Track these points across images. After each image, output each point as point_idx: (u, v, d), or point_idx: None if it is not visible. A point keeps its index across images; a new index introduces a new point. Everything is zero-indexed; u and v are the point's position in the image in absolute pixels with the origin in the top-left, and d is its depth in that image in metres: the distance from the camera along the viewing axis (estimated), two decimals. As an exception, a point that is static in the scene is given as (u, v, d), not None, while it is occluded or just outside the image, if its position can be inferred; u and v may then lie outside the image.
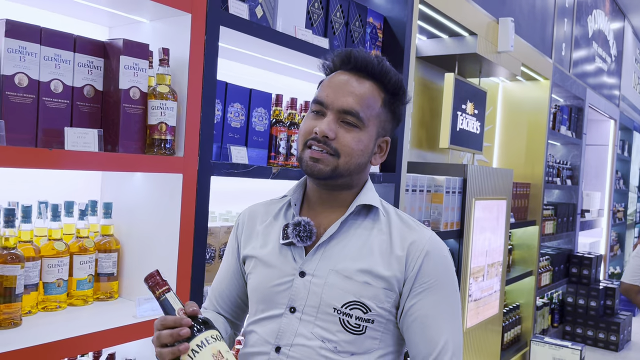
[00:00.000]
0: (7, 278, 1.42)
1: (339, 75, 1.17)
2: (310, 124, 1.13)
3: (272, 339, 1.13)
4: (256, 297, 1.19)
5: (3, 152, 1.27)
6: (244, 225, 1.28)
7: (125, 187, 1.81)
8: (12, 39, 1.36)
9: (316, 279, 1.12)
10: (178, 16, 1.66)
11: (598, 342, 5.34)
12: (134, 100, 1.56)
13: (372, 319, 1.10)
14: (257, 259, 1.20)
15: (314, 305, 1.11)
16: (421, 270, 1.11)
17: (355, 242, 1.15)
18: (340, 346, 1.09)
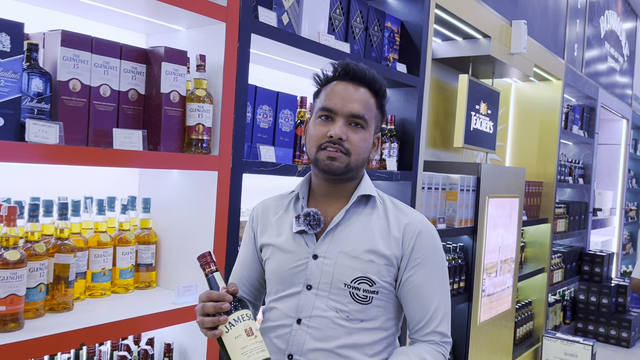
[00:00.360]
0: (62, 266, 1.55)
1: (339, 85, 1.32)
2: (323, 129, 1.28)
3: (293, 313, 1.31)
4: (275, 278, 1.35)
5: (62, 151, 1.40)
6: (259, 218, 1.44)
7: (162, 184, 1.94)
8: (67, 48, 1.50)
9: (327, 260, 1.30)
10: (213, 25, 1.79)
11: (610, 339, 5.41)
12: (174, 103, 1.69)
13: (376, 290, 1.29)
14: (273, 247, 1.36)
15: (327, 282, 1.28)
16: (415, 248, 1.30)
17: (358, 227, 1.32)
18: (352, 315, 1.28)
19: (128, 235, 1.82)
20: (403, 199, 2.74)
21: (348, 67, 1.32)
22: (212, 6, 1.73)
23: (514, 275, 4.11)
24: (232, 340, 1.12)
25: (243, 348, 1.11)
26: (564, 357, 4.51)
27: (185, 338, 1.86)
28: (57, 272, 1.56)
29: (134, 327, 1.62)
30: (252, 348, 1.11)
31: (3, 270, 1.35)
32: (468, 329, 3.50)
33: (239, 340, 1.12)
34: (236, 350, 1.11)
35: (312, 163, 1.34)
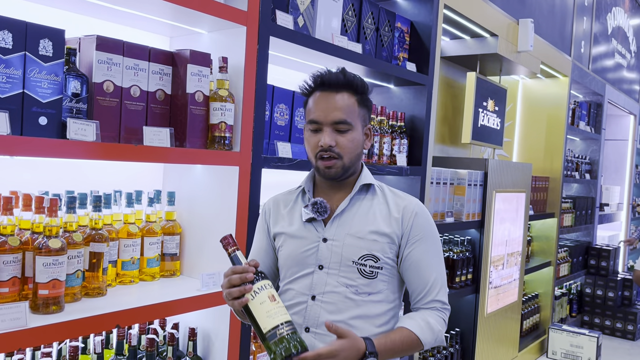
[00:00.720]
0: (97, 254, 1.68)
1: (320, 96, 1.43)
2: (315, 140, 1.42)
3: (307, 291, 1.44)
4: (289, 262, 1.48)
5: (100, 148, 1.52)
6: (270, 211, 1.58)
7: (186, 178, 2.05)
8: (101, 52, 1.61)
9: (336, 242, 1.44)
10: (234, 28, 1.89)
11: (615, 332, 5.49)
12: (199, 103, 1.81)
13: (381, 266, 1.43)
14: (286, 235, 1.50)
15: (337, 261, 1.43)
16: (413, 227, 1.45)
17: (362, 211, 1.46)
18: (360, 289, 1.42)
19: (154, 227, 1.94)
20: (412, 193, 2.84)
21: (323, 78, 1.44)
22: (234, 11, 1.84)
23: (521, 268, 4.20)
24: (258, 306, 1.24)
25: (268, 312, 1.23)
26: (569, 348, 4.60)
27: (209, 323, 1.98)
28: (92, 260, 1.68)
29: (162, 311, 1.74)
30: (276, 311, 1.23)
31: (47, 257, 1.47)
32: (475, 319, 3.60)
33: (264, 305, 1.23)
34: (262, 314, 1.23)
35: (315, 169, 1.49)
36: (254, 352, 2.08)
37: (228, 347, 1.92)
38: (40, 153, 1.40)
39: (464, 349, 3.64)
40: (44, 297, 1.48)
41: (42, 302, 1.48)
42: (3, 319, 1.34)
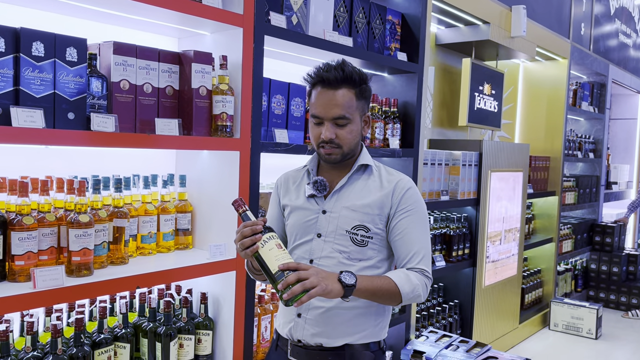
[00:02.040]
0: (119, 229, 1.97)
1: (321, 92, 1.60)
2: (317, 132, 1.60)
3: (307, 255, 1.66)
4: (294, 230, 1.70)
5: (119, 137, 1.80)
6: (281, 185, 1.81)
7: (195, 163, 2.33)
8: (118, 55, 1.89)
9: (333, 214, 1.63)
10: (232, 30, 2.15)
11: (620, 305, 5.66)
12: (203, 96, 2.08)
13: (371, 235, 1.61)
14: (292, 206, 1.72)
15: (333, 230, 1.62)
16: (402, 200, 1.61)
17: (358, 188, 1.66)
18: (352, 255, 1.61)
19: (169, 206, 2.22)
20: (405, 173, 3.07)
21: (323, 76, 1.59)
22: (231, 15, 2.10)
23: (520, 244, 4.41)
24: (267, 252, 1.43)
25: (276, 256, 1.42)
26: (570, 320, 4.80)
27: (218, 289, 2.27)
28: (116, 234, 1.97)
29: (176, 276, 2.03)
30: (283, 257, 1.43)
31: (77, 229, 1.77)
32: (473, 291, 3.84)
33: (272, 251, 1.43)
34: (271, 259, 1.42)
35: (317, 153, 1.67)
36: (258, 314, 2.36)
37: (235, 309, 2.21)
38: (70, 142, 1.69)
39: (463, 319, 3.89)
40: (77, 262, 1.78)
41: (75, 267, 1.78)
42: (44, 279, 1.64)
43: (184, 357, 2.15)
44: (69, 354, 1.80)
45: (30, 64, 1.63)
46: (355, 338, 1.58)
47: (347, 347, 1.57)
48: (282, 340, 1.67)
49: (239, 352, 2.22)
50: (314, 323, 1.58)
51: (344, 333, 1.57)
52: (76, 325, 1.83)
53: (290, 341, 1.63)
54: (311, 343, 1.59)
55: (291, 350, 1.62)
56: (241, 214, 1.50)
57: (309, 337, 1.59)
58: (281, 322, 1.67)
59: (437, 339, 3.21)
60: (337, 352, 1.57)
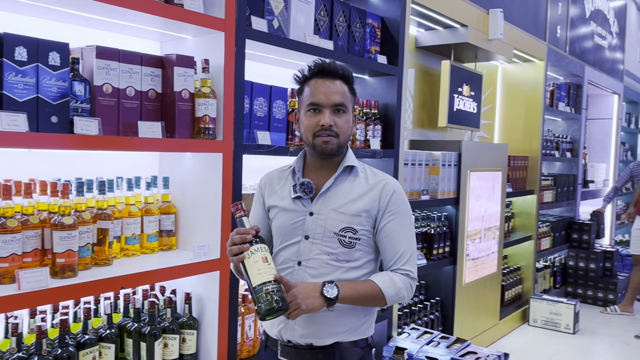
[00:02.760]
0: (103, 230, 1.99)
1: (320, 82, 1.64)
2: (315, 120, 1.61)
3: (294, 257, 1.66)
4: (281, 232, 1.70)
5: (102, 140, 1.83)
6: (266, 186, 1.81)
7: (178, 165, 2.36)
8: (101, 59, 1.92)
9: (321, 216, 1.63)
10: (214, 34, 2.19)
11: (597, 301, 5.80)
12: (185, 99, 2.11)
13: (359, 237, 1.62)
14: (278, 208, 1.72)
15: (321, 232, 1.63)
16: (390, 202, 1.64)
17: (344, 189, 1.67)
18: (340, 256, 1.62)
19: (152, 207, 2.25)
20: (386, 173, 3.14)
21: (323, 67, 1.65)
22: (213, 19, 2.13)
23: (499, 242, 4.51)
24: (252, 264, 1.46)
25: (259, 270, 1.45)
26: (549, 316, 4.91)
27: (202, 289, 2.30)
28: (100, 235, 2.00)
29: (160, 276, 2.05)
30: (266, 271, 1.46)
31: (62, 231, 1.79)
32: (454, 289, 3.92)
33: (257, 264, 1.46)
34: (254, 271, 1.45)
35: (310, 147, 1.66)
36: (242, 314, 2.40)
37: (219, 308, 2.24)
38: (53, 146, 1.71)
39: (444, 316, 3.96)
40: (61, 264, 1.80)
41: (60, 269, 1.80)
42: (29, 281, 1.66)
43: (169, 357, 2.18)
44: (53, 355, 1.82)
45: (14, 69, 1.65)
46: (344, 336, 1.61)
47: (336, 345, 1.61)
48: (272, 340, 1.69)
49: (224, 350, 2.25)
50: (304, 324, 1.60)
51: (333, 332, 1.60)
52: (61, 327, 1.85)
53: (280, 342, 1.65)
54: (301, 343, 1.61)
55: (281, 350, 1.64)
56: (237, 219, 1.52)
57: (298, 338, 1.61)
58: (269, 323, 1.69)
59: (419, 335, 3.27)
60: (327, 351, 1.60)
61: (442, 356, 3.00)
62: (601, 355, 4.41)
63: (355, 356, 1.61)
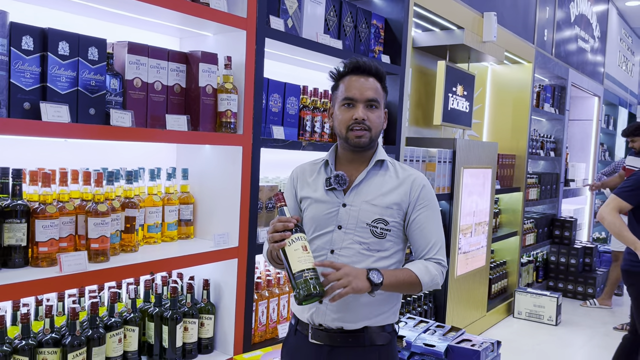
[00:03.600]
0: (131, 218, 2.09)
1: (354, 78, 1.73)
2: (348, 114, 1.68)
3: (327, 246, 1.74)
4: (314, 222, 1.78)
5: (136, 132, 1.92)
6: (298, 178, 1.88)
7: (196, 157, 2.46)
8: (132, 55, 2.01)
9: (354, 207, 1.71)
10: (236, 32, 2.29)
11: (577, 295, 6.04)
12: (209, 94, 2.21)
13: (390, 228, 1.70)
14: (311, 199, 1.80)
15: (354, 223, 1.70)
16: (420, 196, 1.72)
17: (376, 182, 1.73)
18: (371, 246, 1.69)
19: (173, 197, 2.34)
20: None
21: (358, 64, 1.74)
22: (236, 18, 2.23)
23: (488, 237, 4.69)
24: (292, 251, 1.51)
25: (299, 258, 1.53)
26: (533, 308, 5.12)
27: (219, 275, 2.40)
28: (127, 223, 2.09)
29: (183, 262, 2.15)
30: (305, 259, 1.54)
31: (96, 218, 1.88)
32: (446, 281, 4.08)
33: (297, 252, 1.53)
34: (294, 258, 1.53)
35: (344, 140, 1.72)
36: (255, 300, 2.51)
37: (236, 295, 2.35)
38: (92, 136, 1.80)
39: (436, 307, 4.12)
40: (95, 249, 1.90)
41: (94, 253, 1.89)
42: (70, 264, 1.75)
43: (189, 340, 2.28)
44: (85, 336, 1.91)
45: (57, 62, 1.73)
46: (373, 321, 1.71)
47: (365, 329, 1.71)
48: (302, 324, 1.77)
49: (240, 334, 2.36)
50: (335, 309, 1.69)
51: (363, 317, 1.70)
52: (92, 309, 1.94)
53: (312, 325, 1.74)
54: (332, 327, 1.70)
55: (312, 333, 1.73)
56: (278, 208, 1.62)
57: (330, 322, 1.70)
58: (299, 308, 1.78)
59: (415, 324, 3.42)
60: (357, 334, 1.70)
61: (439, 343, 3.15)
62: (583, 345, 4.63)
63: (383, 339, 1.73)
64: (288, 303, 2.67)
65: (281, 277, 2.68)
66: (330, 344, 1.71)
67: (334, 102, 1.77)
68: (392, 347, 1.77)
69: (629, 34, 9.42)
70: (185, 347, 2.27)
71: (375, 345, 1.72)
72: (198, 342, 2.33)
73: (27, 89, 1.68)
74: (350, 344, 1.71)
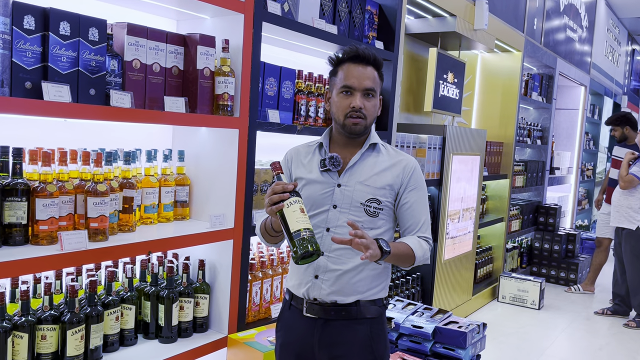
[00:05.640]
0: (128, 199, 2.11)
1: (352, 66, 1.78)
2: (346, 102, 1.75)
3: (323, 224, 1.81)
4: (310, 201, 1.84)
5: (134, 113, 1.94)
6: (292, 158, 1.94)
7: (192, 139, 2.48)
8: (131, 36, 2.02)
9: (348, 187, 1.79)
10: (234, 15, 2.30)
11: (559, 280, 6.18)
12: (206, 77, 2.23)
13: (382, 207, 1.80)
14: (306, 180, 1.86)
15: (348, 202, 1.79)
16: (411, 179, 1.82)
17: (369, 164, 1.83)
18: (365, 224, 1.77)
19: (169, 179, 2.37)
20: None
21: (358, 52, 1.78)
22: (234, 1, 2.25)
23: (475, 222, 4.77)
24: (291, 213, 1.56)
25: (297, 218, 1.57)
26: (517, 292, 5.24)
27: (215, 256, 2.44)
28: (125, 203, 2.11)
29: (181, 242, 2.19)
30: (303, 220, 1.58)
31: (96, 197, 1.90)
32: (434, 265, 4.16)
33: (295, 213, 1.58)
34: (292, 219, 1.57)
35: (340, 126, 1.78)
36: (250, 281, 2.55)
37: (231, 275, 2.39)
38: (92, 116, 1.82)
39: (424, 290, 4.21)
40: (94, 228, 1.92)
41: (93, 232, 1.92)
42: (70, 242, 1.78)
43: (184, 319, 2.32)
44: (84, 313, 1.95)
45: (58, 42, 1.74)
46: (365, 295, 1.79)
47: (357, 302, 1.79)
48: (297, 299, 1.84)
49: (234, 313, 2.41)
50: (330, 283, 1.77)
51: (356, 291, 1.78)
52: (90, 287, 1.97)
53: (306, 300, 1.81)
54: (327, 301, 1.78)
55: (307, 307, 1.80)
56: (275, 174, 1.66)
57: (324, 296, 1.78)
58: (295, 283, 1.85)
59: (404, 306, 3.49)
60: (350, 308, 1.78)
61: (426, 324, 3.23)
62: (565, 329, 4.76)
63: (374, 312, 1.80)
64: (281, 284, 2.72)
65: (275, 258, 2.72)
66: (324, 317, 1.79)
67: (332, 88, 1.82)
68: (382, 320, 1.85)
69: (616, 24, 9.52)
70: (180, 326, 2.32)
71: (366, 317, 1.80)
72: (193, 321, 2.38)
73: (29, 69, 1.69)
74: (343, 317, 1.79)
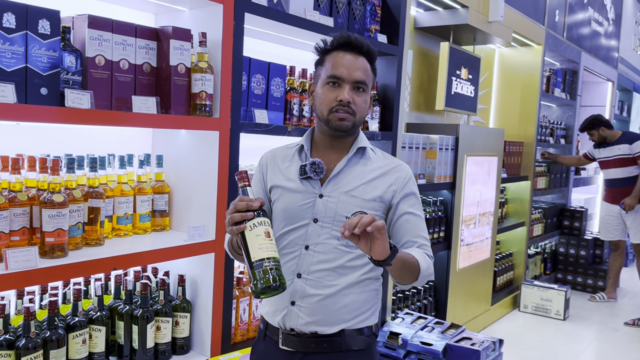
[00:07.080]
0: (94, 209, 1.91)
1: (342, 55, 1.55)
2: (333, 95, 1.51)
3: (301, 242, 1.56)
4: (286, 214, 1.59)
5: (94, 114, 1.74)
6: (267, 163, 1.69)
7: (172, 142, 2.28)
8: (93, 29, 1.82)
9: (331, 199, 1.54)
10: (212, 6, 2.09)
11: (587, 288, 5.82)
12: (181, 74, 2.02)
13: None
14: (283, 188, 1.61)
15: (331, 216, 1.53)
16: (404, 188, 1.58)
17: (357, 172, 1.57)
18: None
19: (145, 186, 2.17)
20: (384, 156, 3.08)
21: (349, 39, 1.55)
22: (211, -10, 2.04)
23: (493, 228, 4.48)
24: (253, 237, 1.32)
25: (260, 245, 1.33)
26: (540, 302, 4.92)
27: (196, 270, 2.23)
28: (91, 214, 1.92)
29: (153, 257, 1.98)
30: (267, 247, 1.34)
31: (51, 209, 1.71)
32: (447, 274, 3.89)
33: (258, 238, 1.32)
34: (255, 245, 1.33)
35: (324, 122, 1.54)
36: (237, 297, 2.34)
37: (213, 291, 2.18)
38: (43, 119, 1.62)
39: (437, 301, 3.94)
40: (50, 244, 1.72)
41: (49, 248, 1.72)
42: (17, 260, 1.58)
43: (161, 340, 2.12)
44: (42, 337, 1.75)
45: (1, 36, 1.55)
46: (351, 324, 1.54)
47: (342, 332, 1.54)
48: (272, 329, 1.60)
49: (217, 334, 2.20)
50: (309, 311, 1.53)
51: (340, 320, 1.53)
52: (50, 308, 1.78)
53: (282, 330, 1.57)
54: (305, 331, 1.54)
55: (283, 339, 1.57)
56: (241, 188, 1.41)
57: (302, 326, 1.53)
58: (269, 310, 1.61)
59: (413, 320, 3.24)
60: (333, 339, 1.53)
61: (436, 341, 2.97)
62: (592, 341, 4.43)
63: (361, 344, 1.55)
64: (273, 299, 2.50)
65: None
66: (303, 351, 1.54)
67: (317, 79, 1.58)
68: (372, 353, 1.59)
69: (645, 17, 9.07)
70: (157, 348, 2.11)
71: (353, 350, 1.55)
72: (172, 342, 2.17)
73: (-34, 66, 1.51)
74: (325, 350, 1.54)
